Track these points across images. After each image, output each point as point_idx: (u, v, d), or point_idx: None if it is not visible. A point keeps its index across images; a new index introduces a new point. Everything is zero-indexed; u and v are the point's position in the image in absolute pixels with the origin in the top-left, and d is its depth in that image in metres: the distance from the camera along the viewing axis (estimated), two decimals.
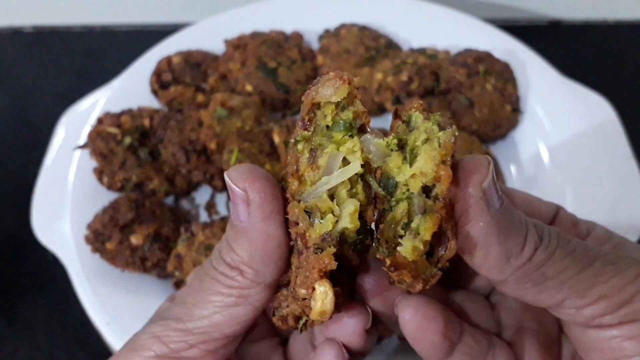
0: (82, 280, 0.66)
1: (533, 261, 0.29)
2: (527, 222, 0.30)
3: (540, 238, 0.29)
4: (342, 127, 0.30)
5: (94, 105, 0.79)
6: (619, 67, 0.95)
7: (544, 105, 0.77)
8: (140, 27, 1.03)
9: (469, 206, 0.28)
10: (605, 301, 0.28)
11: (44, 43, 1.03)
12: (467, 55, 0.77)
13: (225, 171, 0.31)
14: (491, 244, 0.28)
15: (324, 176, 0.29)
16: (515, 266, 0.29)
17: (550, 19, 1.01)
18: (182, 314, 0.33)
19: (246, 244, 0.31)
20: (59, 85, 0.97)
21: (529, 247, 0.29)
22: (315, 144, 0.30)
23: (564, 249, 0.29)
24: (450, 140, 0.29)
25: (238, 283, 0.32)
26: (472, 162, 0.29)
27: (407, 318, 0.31)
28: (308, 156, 0.30)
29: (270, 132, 0.72)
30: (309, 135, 0.30)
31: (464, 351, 0.33)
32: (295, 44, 0.84)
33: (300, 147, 0.30)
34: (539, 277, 0.29)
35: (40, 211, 0.72)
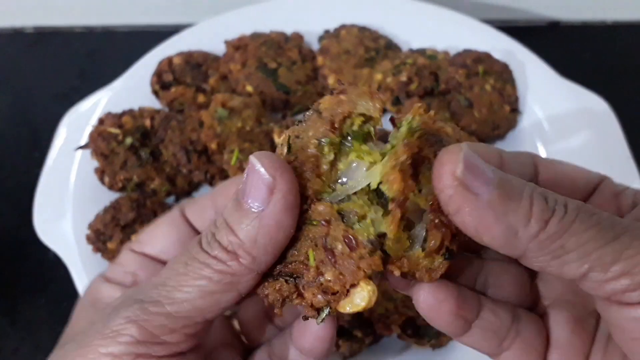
0: (83, 279, 0.66)
1: (547, 232, 0.27)
2: (532, 193, 0.28)
3: (552, 209, 0.28)
4: (360, 137, 0.32)
5: (95, 105, 0.80)
6: (618, 68, 0.95)
7: (542, 105, 0.77)
8: (141, 28, 1.03)
9: (448, 197, 0.28)
10: (628, 278, 0.27)
11: (45, 44, 1.03)
12: (466, 56, 0.78)
13: (254, 154, 0.31)
14: (490, 224, 0.28)
15: (350, 181, 0.31)
16: (525, 239, 0.28)
17: (549, 19, 1.01)
18: (161, 297, 0.32)
19: (252, 229, 0.30)
20: (60, 86, 0.97)
21: (537, 219, 0.28)
22: (342, 150, 0.32)
23: (586, 221, 0.28)
24: (402, 143, 0.30)
25: (230, 269, 0.31)
26: (444, 154, 0.29)
27: (420, 300, 0.33)
28: (331, 160, 0.31)
29: (270, 133, 0.72)
30: (337, 140, 0.31)
31: (483, 326, 0.33)
32: (296, 44, 0.84)
33: (326, 149, 0.31)
34: (558, 249, 0.27)
35: (41, 211, 0.72)
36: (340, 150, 0.32)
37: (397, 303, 0.59)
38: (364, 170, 0.31)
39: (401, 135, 0.31)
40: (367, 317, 0.60)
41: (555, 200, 0.28)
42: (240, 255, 0.31)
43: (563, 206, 0.28)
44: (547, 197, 0.28)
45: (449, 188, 0.28)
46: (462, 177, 0.28)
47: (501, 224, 0.28)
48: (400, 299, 0.60)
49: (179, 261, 0.33)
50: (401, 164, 0.30)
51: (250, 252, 0.31)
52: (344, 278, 0.30)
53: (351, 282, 0.30)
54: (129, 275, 0.41)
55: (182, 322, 0.32)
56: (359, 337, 0.60)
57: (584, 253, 0.27)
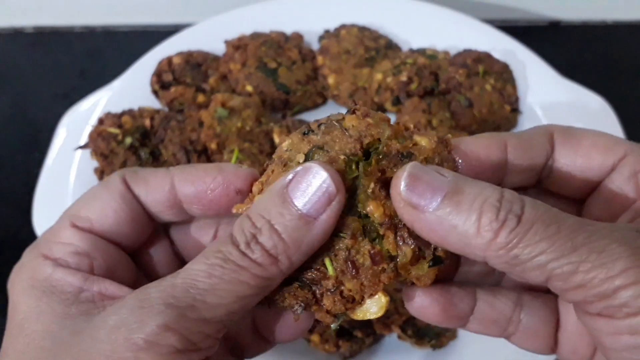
0: None
1: (498, 243, 0.27)
2: (483, 204, 0.28)
3: (502, 220, 0.28)
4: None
5: (95, 105, 0.80)
6: (618, 68, 0.95)
7: (543, 105, 0.77)
8: (141, 28, 1.03)
9: (402, 216, 0.30)
10: (583, 291, 0.27)
11: (45, 43, 1.03)
12: (466, 56, 0.77)
13: (314, 162, 0.31)
14: (442, 236, 0.29)
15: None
16: (478, 249, 0.28)
17: (549, 19, 1.01)
18: (196, 301, 0.29)
19: (301, 235, 0.30)
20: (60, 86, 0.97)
21: (485, 229, 0.28)
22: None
23: (541, 232, 0.27)
24: (364, 173, 0.32)
25: (268, 273, 0.30)
26: (394, 176, 0.31)
27: (410, 304, 0.34)
28: (355, 176, 0.32)
29: (270, 132, 0.72)
30: (362, 160, 0.33)
31: (480, 318, 0.34)
32: (296, 44, 0.84)
33: (353, 166, 0.32)
34: (513, 259, 0.27)
35: (41, 211, 0.72)
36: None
37: (397, 303, 0.59)
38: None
39: (363, 165, 0.32)
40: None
41: (509, 210, 0.28)
42: (280, 259, 0.30)
43: (516, 217, 0.28)
44: (500, 207, 0.28)
45: (398, 208, 0.30)
46: (407, 197, 0.29)
47: (453, 236, 0.29)
48: (400, 299, 0.59)
49: (211, 262, 0.30)
50: (372, 193, 0.32)
51: (291, 256, 0.31)
52: (364, 289, 0.32)
53: (370, 292, 0.32)
54: (83, 258, 0.34)
55: (217, 327, 0.30)
56: (359, 337, 0.60)
57: (538, 264, 0.27)
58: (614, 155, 0.33)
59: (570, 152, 0.34)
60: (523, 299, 0.35)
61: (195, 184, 0.35)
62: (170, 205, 0.36)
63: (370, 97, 0.79)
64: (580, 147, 0.34)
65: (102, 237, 0.36)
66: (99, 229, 0.35)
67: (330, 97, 0.82)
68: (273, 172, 0.33)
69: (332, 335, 0.58)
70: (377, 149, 0.33)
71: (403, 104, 0.76)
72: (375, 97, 0.78)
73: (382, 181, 0.32)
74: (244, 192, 0.35)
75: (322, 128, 0.33)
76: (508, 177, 0.34)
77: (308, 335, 0.58)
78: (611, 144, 0.34)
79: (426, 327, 0.60)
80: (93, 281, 0.33)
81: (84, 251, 0.34)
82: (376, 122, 0.33)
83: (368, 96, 0.79)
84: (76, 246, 0.34)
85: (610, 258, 0.26)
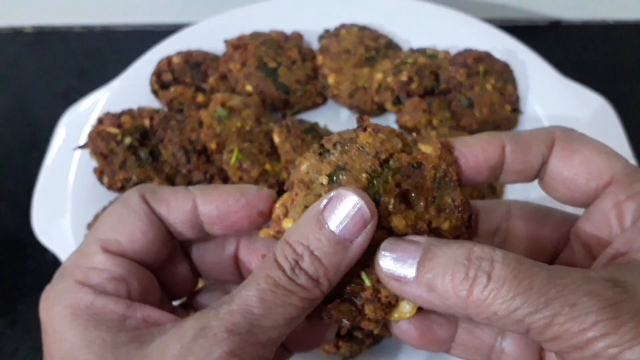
0: None
1: (473, 301, 0.29)
2: (453, 264, 0.30)
3: (472, 278, 0.29)
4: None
5: (94, 105, 0.80)
6: (619, 67, 0.95)
7: (543, 105, 0.77)
8: (140, 27, 1.03)
9: (389, 289, 0.34)
10: (560, 342, 0.28)
11: (44, 43, 1.03)
12: (467, 56, 0.77)
13: (344, 188, 0.32)
14: (428, 300, 0.31)
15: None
16: (457, 308, 0.30)
17: (550, 19, 1.01)
18: (253, 326, 0.31)
19: (339, 259, 0.32)
20: (59, 85, 0.97)
21: (458, 288, 0.29)
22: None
23: (514, 289, 0.28)
24: (382, 191, 0.34)
25: (312, 295, 0.32)
26: (375, 256, 0.34)
27: (391, 326, 0.36)
28: (378, 190, 0.34)
29: (270, 132, 0.72)
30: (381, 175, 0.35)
31: (462, 344, 0.36)
32: (295, 44, 0.84)
33: (375, 182, 0.34)
34: (492, 315, 0.29)
35: (40, 211, 0.72)
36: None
37: None
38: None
39: (383, 182, 0.34)
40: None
41: (478, 267, 0.29)
42: (321, 282, 0.32)
43: (485, 274, 0.29)
44: (469, 265, 0.30)
45: (385, 283, 0.33)
46: (387, 272, 0.32)
47: (435, 298, 0.30)
48: None
49: (262, 287, 0.32)
50: (393, 207, 0.33)
51: (331, 279, 0.32)
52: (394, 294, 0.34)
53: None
54: (121, 283, 0.34)
55: (271, 349, 0.32)
56: (359, 338, 0.60)
57: (516, 319, 0.28)
58: (598, 179, 0.34)
59: (560, 165, 0.34)
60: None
61: (219, 206, 0.36)
62: (191, 226, 0.37)
63: (370, 97, 0.79)
64: (572, 161, 0.34)
65: (134, 259, 0.36)
66: (130, 252, 0.36)
67: (330, 96, 0.82)
68: (297, 195, 0.34)
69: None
70: (388, 164, 0.34)
71: (403, 103, 0.76)
72: (375, 96, 0.78)
73: (399, 195, 0.34)
74: (265, 214, 0.36)
75: (337, 147, 0.35)
76: (504, 176, 0.35)
77: None
78: (602, 165, 0.34)
79: None
80: (136, 308, 0.33)
81: (120, 276, 0.34)
82: (387, 136, 0.35)
83: (368, 96, 0.79)
84: (112, 272, 0.34)
85: (581, 312, 0.27)
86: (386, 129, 0.35)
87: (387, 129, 0.35)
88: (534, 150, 0.35)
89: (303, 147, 0.69)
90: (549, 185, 0.35)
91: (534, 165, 0.35)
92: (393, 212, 0.33)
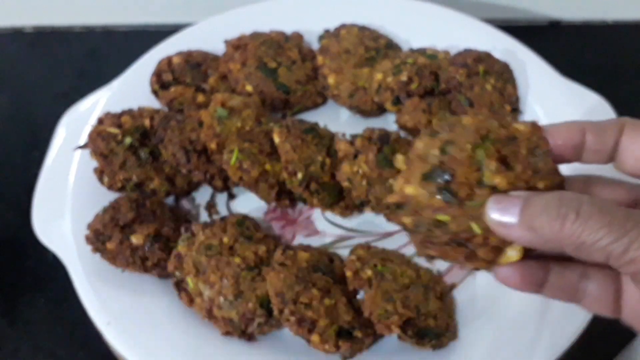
0: (82, 280, 0.66)
1: (565, 233, 0.35)
2: (547, 206, 0.36)
3: (564, 215, 0.36)
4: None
5: (95, 105, 0.80)
6: (619, 67, 0.95)
7: (543, 105, 0.77)
8: (140, 28, 1.04)
9: (499, 235, 0.40)
10: (635, 265, 0.34)
11: (44, 43, 1.03)
12: (466, 56, 0.77)
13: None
14: (530, 239, 0.38)
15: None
16: (554, 240, 0.36)
17: (549, 19, 1.01)
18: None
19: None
20: (60, 86, 0.97)
21: (553, 224, 0.36)
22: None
23: (600, 222, 0.35)
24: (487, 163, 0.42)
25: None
26: (485, 209, 0.40)
27: (496, 271, 0.43)
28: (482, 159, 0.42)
29: (270, 132, 0.72)
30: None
31: (552, 286, 0.43)
32: (295, 44, 0.84)
33: (478, 152, 0.42)
34: (581, 245, 0.35)
35: (40, 211, 0.72)
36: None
37: (395, 304, 0.59)
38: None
39: (485, 149, 0.41)
40: (367, 317, 0.60)
41: (569, 206, 0.36)
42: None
43: (575, 211, 0.36)
44: (560, 205, 0.37)
45: (496, 231, 0.40)
46: (495, 220, 0.39)
47: (534, 236, 0.37)
48: (399, 299, 0.60)
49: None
50: (495, 169, 0.40)
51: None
52: (504, 240, 0.41)
53: (509, 242, 0.41)
54: None
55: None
56: (359, 337, 0.60)
57: (600, 247, 0.35)
58: None
59: (630, 143, 0.41)
60: (588, 272, 0.43)
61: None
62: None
63: (370, 97, 0.79)
64: (633, 161, 0.42)
65: None
66: None
67: (330, 96, 0.82)
68: (415, 167, 0.42)
69: (331, 335, 0.58)
70: (488, 137, 0.42)
71: (403, 103, 0.76)
72: (375, 97, 0.78)
73: (500, 159, 0.41)
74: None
75: (445, 128, 0.43)
76: (584, 156, 0.43)
77: (308, 335, 0.58)
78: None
79: (426, 327, 0.60)
80: None
81: None
82: (485, 117, 0.43)
83: (368, 96, 0.79)
84: None
85: None
86: (484, 114, 0.43)
87: (485, 114, 0.43)
88: (608, 133, 0.42)
89: (303, 147, 0.69)
90: (621, 162, 0.42)
91: (609, 145, 0.42)
92: (495, 172, 0.40)
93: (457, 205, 0.41)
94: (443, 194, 0.42)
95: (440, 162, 0.41)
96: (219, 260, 0.64)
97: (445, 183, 0.41)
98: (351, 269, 0.62)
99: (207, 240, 0.65)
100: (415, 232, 0.43)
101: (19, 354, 0.74)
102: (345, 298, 0.62)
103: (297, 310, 0.58)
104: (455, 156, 0.41)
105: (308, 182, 0.68)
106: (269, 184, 0.69)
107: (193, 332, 0.64)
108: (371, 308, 0.59)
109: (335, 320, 0.59)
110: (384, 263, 0.64)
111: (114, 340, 0.62)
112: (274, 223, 0.75)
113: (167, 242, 0.68)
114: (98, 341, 0.67)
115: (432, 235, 0.42)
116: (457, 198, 0.41)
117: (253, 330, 0.62)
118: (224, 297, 0.62)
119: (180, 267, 0.65)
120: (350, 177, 0.68)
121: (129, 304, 0.65)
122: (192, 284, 0.63)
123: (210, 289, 0.63)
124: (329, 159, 0.71)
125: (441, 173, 0.41)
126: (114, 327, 0.63)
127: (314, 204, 0.70)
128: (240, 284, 0.63)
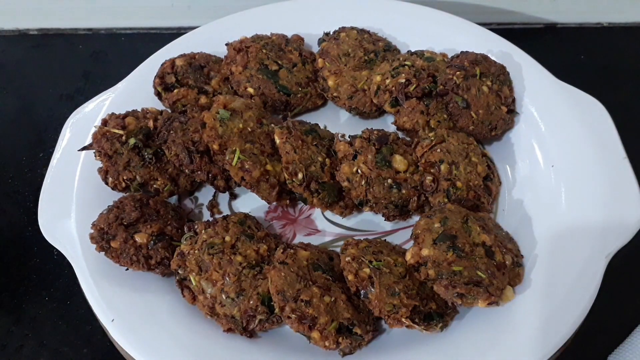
0: (87, 278, 0.67)
1: None
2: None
3: None
4: None
5: (99, 107, 0.81)
6: (613, 70, 0.96)
7: (538, 106, 0.78)
8: (144, 31, 1.04)
9: None
10: None
11: (49, 46, 1.04)
12: (463, 58, 0.78)
13: None
14: None
15: None
16: None
17: (545, 22, 1.02)
18: None
19: None
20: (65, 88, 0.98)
21: None
22: None
23: None
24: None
25: None
26: None
27: None
28: None
29: (271, 133, 0.73)
30: None
31: None
32: (296, 47, 0.85)
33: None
34: None
35: (46, 210, 0.73)
36: None
37: (400, 296, 0.60)
38: None
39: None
40: (377, 315, 0.61)
41: None
42: None
43: None
44: None
45: None
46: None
47: None
48: (402, 291, 0.61)
49: None
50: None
51: None
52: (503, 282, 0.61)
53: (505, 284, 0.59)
54: None
55: None
56: (359, 334, 0.61)
57: None
58: None
59: None
60: None
61: None
62: None
63: (369, 99, 0.80)
64: None
65: None
66: None
67: (330, 98, 0.83)
68: (422, 235, 0.65)
69: (331, 332, 0.59)
70: (469, 214, 0.65)
71: (402, 105, 0.77)
72: (374, 98, 0.80)
73: (480, 226, 0.64)
74: None
75: (436, 212, 0.66)
76: None
77: (309, 332, 0.59)
78: None
79: (429, 311, 0.61)
80: None
81: None
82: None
83: (367, 98, 0.81)
84: None
85: None
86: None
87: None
88: None
89: (303, 148, 0.71)
90: None
91: None
92: (481, 234, 0.64)
93: (465, 258, 0.59)
94: (453, 250, 0.59)
95: (444, 231, 0.61)
96: (221, 259, 0.65)
97: (452, 242, 0.60)
98: (351, 272, 0.62)
99: (210, 239, 0.66)
100: (439, 280, 0.59)
101: (25, 350, 0.74)
102: (345, 295, 0.63)
103: (298, 307, 0.59)
104: (453, 226, 0.61)
105: (308, 182, 0.69)
106: (270, 184, 0.70)
107: (195, 329, 0.64)
108: (380, 306, 0.60)
109: (335, 317, 0.60)
110: (377, 257, 0.64)
111: (118, 337, 0.63)
112: (274, 222, 0.76)
113: (171, 241, 0.69)
114: (102, 338, 0.68)
115: (455, 280, 0.58)
116: (464, 252, 0.59)
117: (254, 327, 0.63)
118: (226, 295, 0.63)
119: (183, 265, 0.66)
120: (349, 177, 0.69)
121: (133, 302, 0.66)
122: (194, 281, 0.64)
123: (212, 286, 0.64)
124: (328, 159, 0.72)
125: (447, 237, 0.60)
126: (118, 324, 0.64)
127: (314, 203, 0.71)
128: (242, 281, 0.64)
